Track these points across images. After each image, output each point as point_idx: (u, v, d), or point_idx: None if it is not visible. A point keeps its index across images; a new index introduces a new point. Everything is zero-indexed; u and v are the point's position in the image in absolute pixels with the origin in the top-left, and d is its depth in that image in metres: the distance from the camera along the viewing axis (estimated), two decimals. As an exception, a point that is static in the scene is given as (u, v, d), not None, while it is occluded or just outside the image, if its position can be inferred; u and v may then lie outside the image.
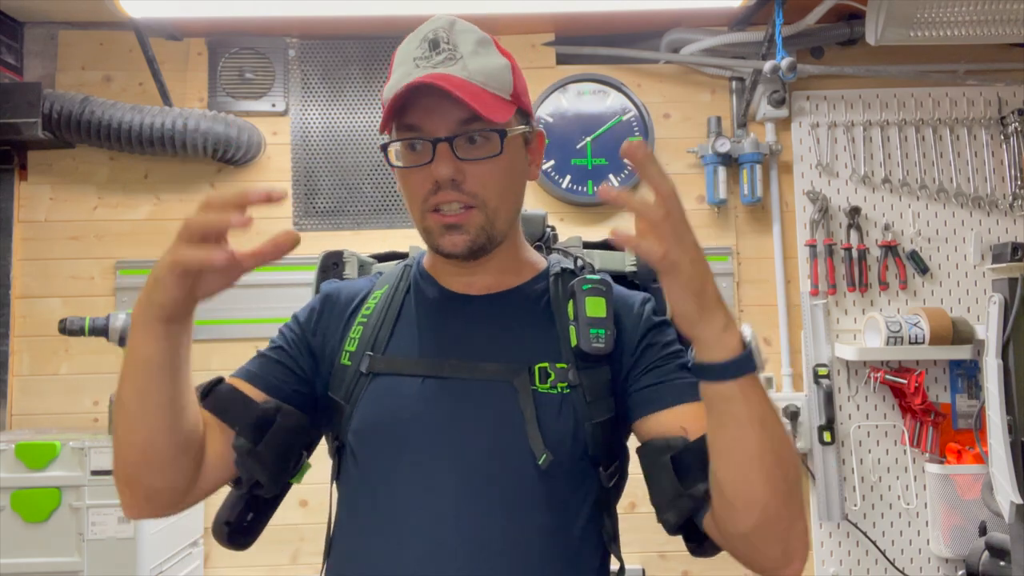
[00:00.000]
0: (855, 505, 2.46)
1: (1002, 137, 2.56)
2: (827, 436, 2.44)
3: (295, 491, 1.02)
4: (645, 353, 0.92)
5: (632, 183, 2.51)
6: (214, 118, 2.40)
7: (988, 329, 2.03)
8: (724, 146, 2.47)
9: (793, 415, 2.43)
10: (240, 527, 0.99)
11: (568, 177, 2.51)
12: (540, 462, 0.85)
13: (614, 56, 2.57)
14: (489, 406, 0.89)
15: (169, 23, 2.46)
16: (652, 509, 0.86)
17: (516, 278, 0.98)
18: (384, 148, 0.92)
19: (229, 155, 2.44)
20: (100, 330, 2.21)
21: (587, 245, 1.11)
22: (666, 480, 0.83)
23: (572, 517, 0.89)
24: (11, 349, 2.45)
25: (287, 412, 0.91)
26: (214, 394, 0.90)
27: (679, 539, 0.90)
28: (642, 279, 1.06)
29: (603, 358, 0.89)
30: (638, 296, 0.97)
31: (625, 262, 1.08)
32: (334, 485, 0.97)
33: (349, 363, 0.94)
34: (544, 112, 2.54)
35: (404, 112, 0.88)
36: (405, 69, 0.89)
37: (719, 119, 2.55)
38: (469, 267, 0.95)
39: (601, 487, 0.91)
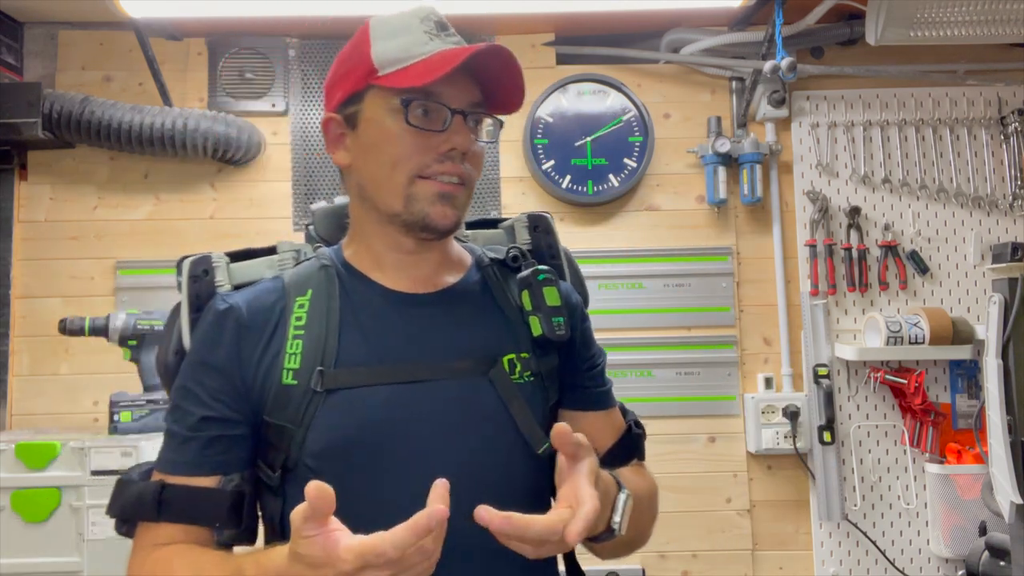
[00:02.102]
0: (855, 505, 2.46)
1: (1002, 137, 2.56)
2: (827, 436, 2.44)
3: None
4: (583, 344, 1.00)
5: (631, 183, 2.51)
6: (214, 118, 2.40)
7: (988, 329, 2.03)
8: (724, 146, 2.47)
9: (793, 415, 2.43)
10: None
11: (568, 177, 2.51)
12: (540, 452, 0.89)
13: (614, 56, 2.57)
14: (469, 404, 0.89)
15: (169, 23, 2.46)
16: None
17: (452, 274, 0.97)
18: (407, 104, 0.87)
19: (229, 155, 2.44)
20: (100, 330, 2.21)
21: (468, 226, 1.11)
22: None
23: (548, 495, 0.95)
24: (11, 349, 2.45)
25: (248, 478, 0.88)
26: (168, 504, 0.84)
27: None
28: (538, 257, 1.04)
29: (554, 345, 0.94)
30: (567, 285, 1.03)
31: (515, 240, 1.07)
32: (276, 515, 0.90)
33: (295, 382, 0.86)
34: (544, 112, 2.54)
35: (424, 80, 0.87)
36: (412, 37, 0.88)
37: (719, 119, 2.55)
38: (421, 251, 0.93)
39: (539, 466, 0.94)
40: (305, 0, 2.27)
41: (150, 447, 2.02)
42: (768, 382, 2.51)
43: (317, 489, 0.66)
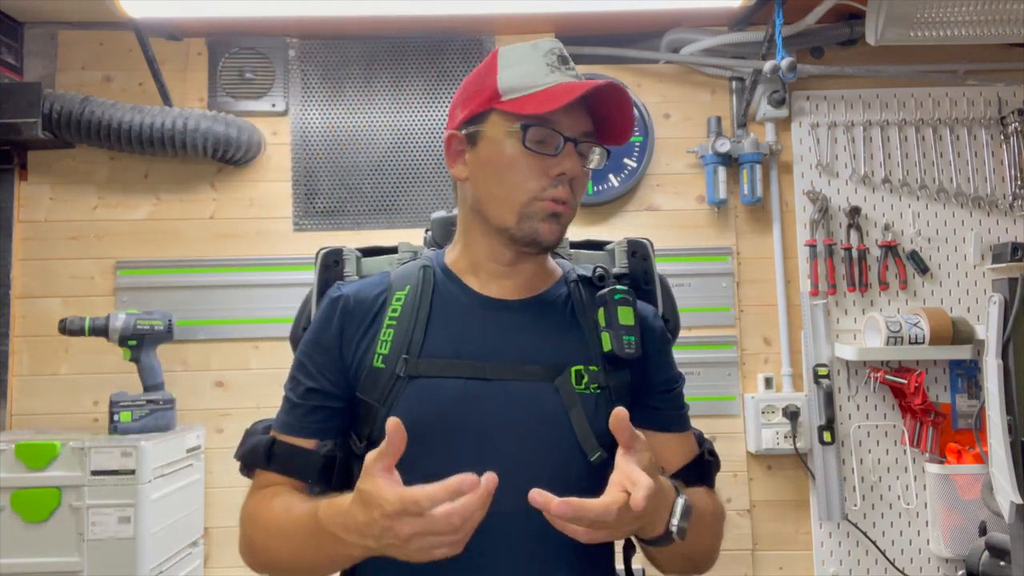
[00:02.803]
0: (855, 505, 2.46)
1: (1002, 137, 2.56)
2: (827, 436, 2.44)
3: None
4: (660, 366, 1.04)
5: (631, 182, 2.51)
6: (214, 118, 2.40)
7: (988, 329, 2.03)
8: (724, 146, 2.47)
9: (793, 415, 2.43)
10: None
11: (568, 177, 2.51)
12: (593, 459, 0.93)
13: (614, 56, 2.57)
14: (533, 405, 0.95)
15: (169, 23, 2.46)
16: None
17: (542, 283, 1.05)
18: (525, 128, 0.95)
19: (229, 155, 2.44)
20: (100, 330, 2.21)
21: (573, 245, 1.20)
22: None
23: None
24: (11, 349, 2.45)
25: (341, 446, 1.00)
26: (275, 457, 0.98)
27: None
28: (633, 282, 1.14)
29: (627, 362, 0.99)
30: (650, 309, 1.09)
31: (615, 264, 1.16)
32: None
33: (383, 366, 0.96)
34: (544, 112, 2.53)
35: (537, 105, 0.95)
36: (535, 68, 0.97)
37: (719, 119, 2.55)
38: (521, 263, 1.02)
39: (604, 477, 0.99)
40: (305, 0, 2.27)
41: (150, 447, 2.03)
42: (768, 382, 2.51)
43: (394, 424, 0.77)
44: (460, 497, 0.73)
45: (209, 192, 2.53)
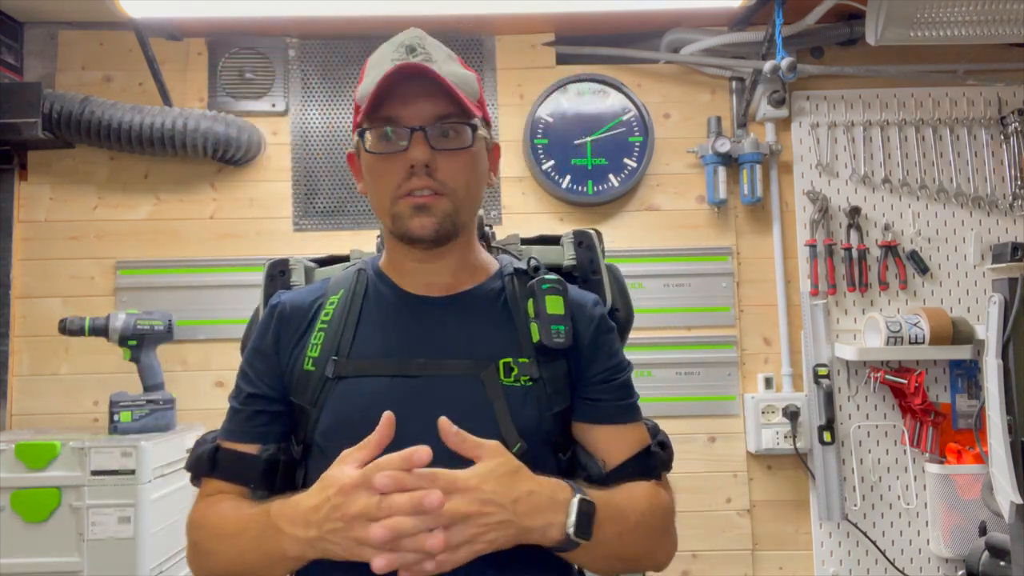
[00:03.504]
0: (855, 505, 2.46)
1: (1002, 137, 2.56)
2: (827, 436, 2.44)
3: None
4: (596, 356, 1.01)
5: (631, 183, 2.52)
6: (214, 118, 2.40)
7: (988, 329, 2.03)
8: (724, 146, 2.47)
9: (793, 415, 2.43)
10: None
11: (568, 177, 2.51)
12: (514, 451, 0.90)
13: (614, 56, 2.57)
14: (459, 400, 0.93)
15: (169, 23, 2.46)
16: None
17: (471, 278, 1.04)
18: (362, 133, 0.97)
19: (229, 155, 2.44)
20: (100, 330, 2.21)
21: (524, 241, 1.19)
22: None
23: None
24: (11, 349, 2.45)
25: (284, 450, 1.00)
26: (219, 464, 0.99)
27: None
28: (581, 272, 1.14)
29: (561, 352, 0.97)
30: (590, 297, 1.06)
31: (563, 256, 1.15)
32: (300, 482, 1.00)
33: (313, 368, 0.97)
34: (544, 112, 2.54)
35: (381, 105, 0.95)
36: (383, 68, 0.95)
37: (719, 119, 2.55)
38: (430, 259, 1.00)
39: (559, 472, 0.97)
40: (305, 0, 2.27)
41: (150, 447, 2.03)
42: (768, 382, 2.51)
43: (388, 418, 0.83)
44: (413, 468, 0.79)
45: (209, 192, 2.53)
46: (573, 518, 0.84)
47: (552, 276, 1.01)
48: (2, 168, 2.48)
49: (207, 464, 0.99)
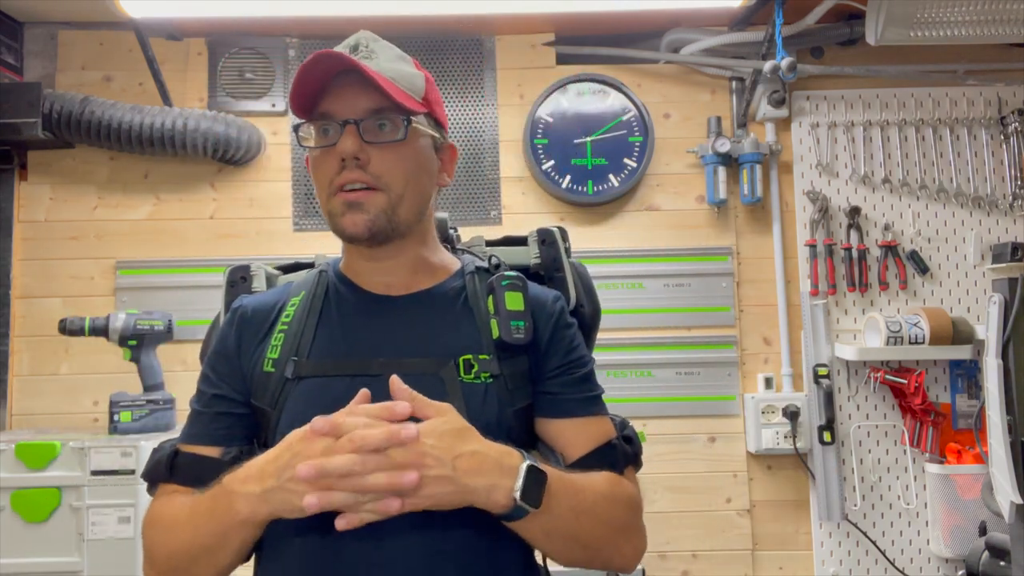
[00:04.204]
0: (855, 505, 2.46)
1: (1002, 137, 2.56)
2: (827, 436, 2.44)
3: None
4: (555, 351, 1.00)
5: (631, 183, 2.51)
6: (214, 118, 2.40)
7: (988, 329, 2.03)
8: (724, 146, 2.47)
9: (793, 415, 2.43)
10: None
11: (568, 177, 2.51)
12: None
13: (614, 56, 2.57)
14: None
15: (169, 23, 2.46)
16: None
17: (431, 278, 1.03)
18: (296, 128, 0.97)
19: (229, 155, 2.44)
20: (100, 330, 2.21)
21: (489, 243, 1.18)
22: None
23: None
24: (11, 349, 2.45)
25: (247, 453, 0.96)
26: (178, 468, 0.96)
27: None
28: (546, 270, 1.13)
29: (521, 349, 0.97)
30: (550, 294, 1.05)
31: (529, 255, 1.14)
32: None
33: (273, 370, 0.96)
34: (544, 112, 2.54)
35: (318, 102, 0.95)
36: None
37: (719, 119, 2.55)
38: (379, 258, 1.00)
39: None
40: (305, 0, 2.27)
41: (150, 447, 2.02)
42: (768, 382, 2.51)
43: (364, 395, 0.86)
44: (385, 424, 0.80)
45: (209, 192, 2.53)
46: (520, 482, 0.83)
47: (512, 273, 1.01)
48: (2, 168, 2.48)
49: (164, 469, 0.96)
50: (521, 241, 1.17)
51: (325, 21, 2.46)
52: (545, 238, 1.14)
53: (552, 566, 1.02)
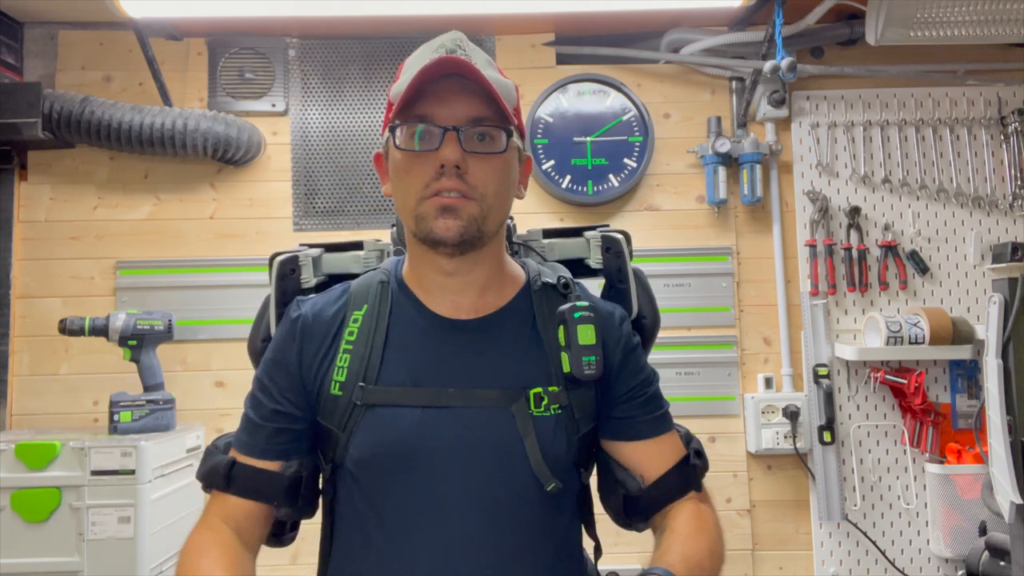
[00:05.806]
0: (855, 505, 2.46)
1: (1002, 137, 2.56)
2: (827, 436, 2.44)
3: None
4: (624, 377, 1.00)
5: (631, 183, 2.51)
6: (214, 118, 2.40)
7: (988, 329, 2.03)
8: (724, 146, 2.47)
9: (793, 415, 2.43)
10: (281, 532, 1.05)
11: (568, 177, 2.51)
12: (549, 489, 0.91)
13: (614, 56, 2.57)
14: (489, 433, 0.93)
15: (169, 23, 2.46)
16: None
17: (499, 296, 1.00)
18: (393, 129, 0.93)
19: (229, 155, 2.44)
20: (100, 330, 2.21)
21: (546, 234, 1.17)
22: (613, 510, 1.03)
23: (565, 521, 0.99)
24: (11, 349, 2.45)
25: (306, 464, 0.98)
26: (235, 479, 0.96)
27: None
28: (607, 279, 1.11)
29: (585, 382, 0.95)
30: (616, 313, 1.04)
31: (590, 254, 1.13)
32: (328, 500, 1.00)
33: (340, 393, 0.95)
34: (544, 112, 2.54)
35: (415, 103, 0.92)
36: (422, 64, 0.91)
37: (719, 119, 2.55)
38: (455, 273, 0.97)
39: (581, 484, 1.01)
40: (305, 0, 2.27)
41: (150, 447, 2.03)
42: (768, 382, 2.51)
43: None
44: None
45: (209, 192, 2.53)
46: None
47: (583, 303, 0.97)
48: (2, 168, 2.48)
49: (222, 479, 0.96)
50: (576, 233, 1.15)
51: (325, 21, 2.46)
52: (610, 246, 1.10)
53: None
